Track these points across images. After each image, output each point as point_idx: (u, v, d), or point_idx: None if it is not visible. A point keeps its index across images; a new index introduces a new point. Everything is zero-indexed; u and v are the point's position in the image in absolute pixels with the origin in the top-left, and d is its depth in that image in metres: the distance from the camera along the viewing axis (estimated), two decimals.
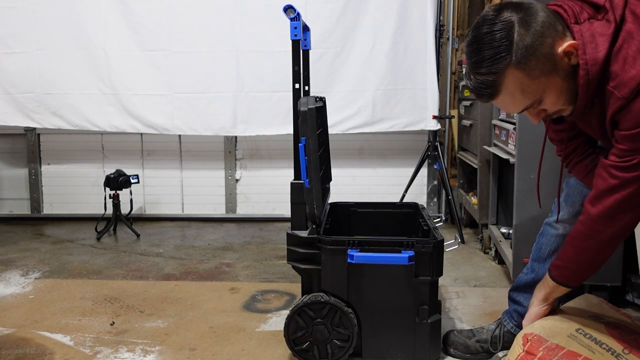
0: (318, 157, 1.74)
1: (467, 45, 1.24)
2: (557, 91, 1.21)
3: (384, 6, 3.47)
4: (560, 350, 1.37)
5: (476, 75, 1.21)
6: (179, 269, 2.83)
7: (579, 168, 1.52)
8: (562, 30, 1.19)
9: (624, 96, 1.16)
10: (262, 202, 3.97)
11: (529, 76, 1.18)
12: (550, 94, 1.21)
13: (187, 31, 3.54)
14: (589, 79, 1.19)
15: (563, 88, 1.21)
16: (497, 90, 1.21)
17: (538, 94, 1.21)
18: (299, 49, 1.85)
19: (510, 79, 1.18)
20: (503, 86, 1.20)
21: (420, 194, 3.91)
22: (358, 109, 3.59)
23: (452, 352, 1.82)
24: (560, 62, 1.18)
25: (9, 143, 4.00)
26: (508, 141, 2.49)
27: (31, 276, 2.71)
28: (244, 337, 2.00)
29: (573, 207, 1.65)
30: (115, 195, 3.46)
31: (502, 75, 1.18)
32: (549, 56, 1.17)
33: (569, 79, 1.21)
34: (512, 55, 1.16)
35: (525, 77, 1.18)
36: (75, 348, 1.92)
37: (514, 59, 1.16)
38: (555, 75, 1.19)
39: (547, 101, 1.23)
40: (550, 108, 1.26)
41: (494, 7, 1.20)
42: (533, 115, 1.28)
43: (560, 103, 1.24)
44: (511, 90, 1.20)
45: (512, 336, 1.76)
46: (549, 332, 1.42)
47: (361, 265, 1.71)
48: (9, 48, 3.57)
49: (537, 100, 1.22)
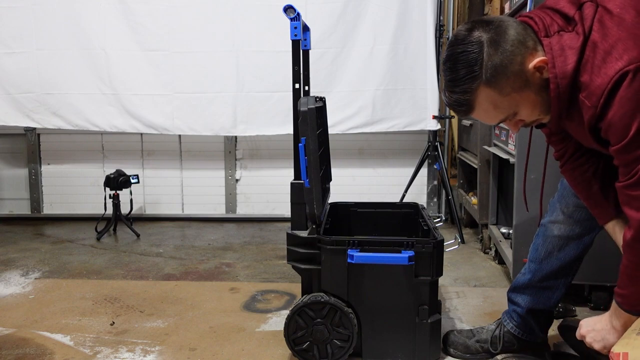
0: (318, 157, 1.74)
1: (442, 64, 1.29)
2: (530, 105, 1.24)
3: (384, 6, 3.47)
4: None
5: (451, 93, 1.25)
6: (179, 269, 2.83)
7: (571, 175, 1.52)
8: (532, 45, 1.20)
9: (593, 105, 1.17)
10: (262, 202, 3.97)
11: (500, 93, 1.21)
12: (524, 107, 1.25)
13: (187, 31, 3.54)
14: (560, 91, 1.20)
15: (537, 101, 1.24)
16: (471, 108, 1.25)
17: (511, 109, 1.25)
18: (299, 49, 1.85)
19: (483, 97, 1.22)
20: (476, 103, 1.23)
21: (420, 194, 3.91)
22: (358, 109, 3.59)
23: (452, 352, 1.82)
24: (532, 77, 1.21)
25: (9, 143, 4.00)
26: (508, 141, 2.49)
27: (31, 276, 2.71)
28: (244, 337, 2.00)
29: (567, 208, 1.66)
30: (115, 195, 3.46)
31: (474, 94, 1.22)
32: (520, 73, 1.20)
33: (543, 91, 1.23)
34: (482, 74, 1.19)
35: (496, 95, 1.21)
36: (75, 348, 1.92)
37: (484, 78, 1.19)
38: (527, 90, 1.22)
39: (523, 114, 1.26)
40: (527, 119, 1.28)
41: (466, 27, 1.23)
42: (511, 126, 1.32)
43: (535, 114, 1.27)
44: (484, 107, 1.24)
45: (512, 336, 1.77)
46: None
47: (361, 265, 1.71)
48: (9, 48, 3.58)
49: (512, 114, 1.26)
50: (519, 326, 1.76)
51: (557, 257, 1.69)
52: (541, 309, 1.72)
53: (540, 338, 1.76)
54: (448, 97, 1.27)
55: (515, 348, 1.78)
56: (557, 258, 1.69)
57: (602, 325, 1.38)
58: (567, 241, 1.67)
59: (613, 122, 1.15)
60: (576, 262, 1.69)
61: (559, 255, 1.68)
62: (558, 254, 1.69)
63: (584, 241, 1.67)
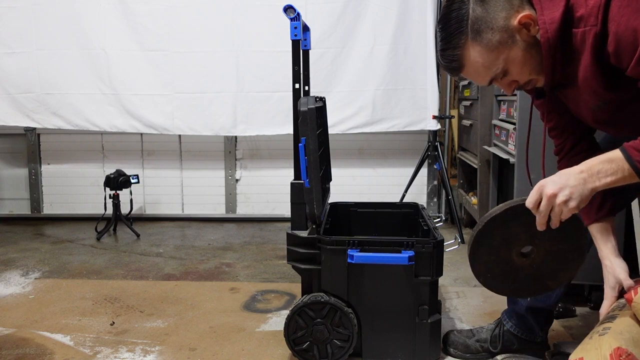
0: (318, 157, 1.74)
1: (436, 26, 1.35)
2: (519, 62, 1.25)
3: (384, 6, 3.47)
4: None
5: (442, 51, 1.29)
6: (179, 269, 2.83)
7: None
8: (518, 3, 1.22)
9: (592, 24, 1.15)
10: (262, 202, 3.97)
11: (487, 49, 1.24)
12: (513, 65, 1.25)
13: (187, 31, 3.54)
14: (549, 37, 1.21)
15: (526, 58, 1.24)
16: (461, 64, 1.28)
17: (499, 65, 1.26)
18: (299, 49, 1.85)
19: (471, 53, 1.25)
20: (465, 59, 1.26)
21: (420, 194, 3.91)
22: (358, 109, 3.59)
23: (452, 351, 1.82)
24: (518, 33, 1.22)
25: (9, 143, 4.00)
26: (508, 141, 2.49)
27: (31, 276, 2.71)
28: (244, 337, 2.00)
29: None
30: (115, 195, 3.46)
31: (463, 49, 1.25)
32: (505, 28, 1.22)
33: (532, 49, 1.24)
34: (468, 30, 1.23)
35: (483, 50, 1.24)
36: (75, 348, 1.92)
37: (470, 33, 1.23)
38: (514, 46, 1.23)
39: (513, 72, 1.27)
40: (519, 79, 1.29)
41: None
42: (504, 86, 1.32)
43: (526, 73, 1.27)
44: (473, 64, 1.27)
45: (512, 335, 1.77)
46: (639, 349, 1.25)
47: (361, 265, 1.71)
48: (9, 48, 3.58)
49: (501, 71, 1.27)
50: (518, 325, 1.76)
51: None
52: (540, 307, 1.72)
53: (539, 337, 1.76)
54: (440, 57, 1.30)
55: (515, 347, 1.78)
56: None
57: (576, 179, 1.19)
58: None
59: (619, 34, 1.12)
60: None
61: None
62: None
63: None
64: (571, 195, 1.17)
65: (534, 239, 1.32)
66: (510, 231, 1.32)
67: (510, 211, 1.29)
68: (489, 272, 1.38)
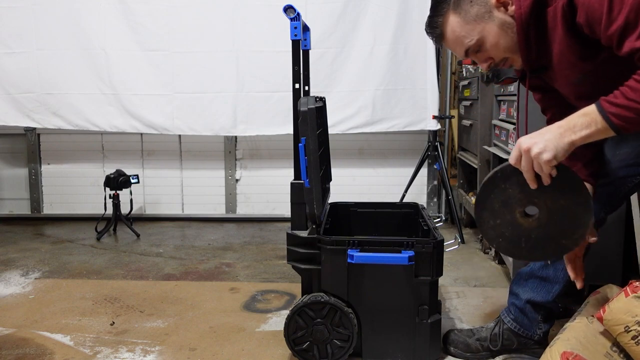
0: (318, 157, 1.74)
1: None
2: (493, 37, 1.32)
3: (384, 6, 3.47)
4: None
5: (428, 18, 1.40)
6: (179, 269, 2.83)
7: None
8: None
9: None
10: (262, 202, 3.97)
11: (464, 20, 1.33)
12: (487, 39, 1.33)
13: (187, 31, 3.54)
14: (522, 13, 1.26)
15: (500, 35, 1.31)
16: (442, 32, 1.38)
17: (474, 37, 1.33)
18: (299, 49, 1.85)
19: (451, 22, 1.36)
20: (445, 27, 1.37)
21: (420, 194, 3.91)
22: (358, 109, 3.59)
23: (452, 350, 1.82)
24: (496, 10, 1.30)
25: (9, 143, 4.00)
26: (508, 141, 2.49)
27: (31, 276, 2.71)
28: (244, 337, 2.00)
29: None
30: (115, 195, 3.46)
31: (444, 17, 1.36)
32: (483, 3, 1.31)
33: (507, 28, 1.30)
34: (451, 1, 1.34)
35: (461, 20, 1.34)
36: (75, 348, 1.92)
37: (452, 4, 1.34)
38: (490, 21, 1.31)
39: (487, 46, 1.34)
40: (494, 55, 1.35)
41: None
42: (480, 62, 1.40)
43: (500, 50, 1.33)
44: (450, 33, 1.36)
45: (511, 333, 1.77)
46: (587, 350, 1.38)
47: (361, 265, 1.71)
48: (9, 48, 3.58)
49: (475, 44, 1.34)
50: (516, 320, 1.77)
51: None
52: (540, 302, 1.72)
53: (537, 335, 1.76)
54: (426, 23, 1.41)
55: (514, 347, 1.78)
56: None
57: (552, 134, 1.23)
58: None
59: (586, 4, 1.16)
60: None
61: None
62: None
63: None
64: (545, 147, 1.20)
65: (533, 198, 1.32)
66: (505, 193, 1.34)
67: (499, 173, 1.33)
68: (500, 237, 1.38)
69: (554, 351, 1.43)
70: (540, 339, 1.76)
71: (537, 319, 1.74)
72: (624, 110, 1.16)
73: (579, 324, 1.51)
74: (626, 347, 1.37)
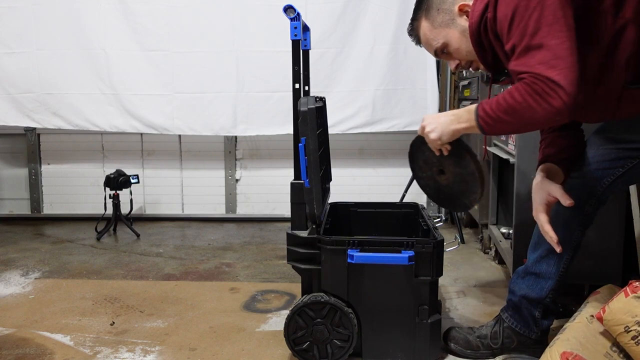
0: (318, 157, 1.74)
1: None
2: (455, 42, 1.50)
3: (384, 6, 3.47)
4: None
5: (410, 21, 1.63)
6: (179, 269, 2.83)
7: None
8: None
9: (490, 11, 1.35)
10: (262, 202, 3.97)
11: (432, 25, 1.54)
12: (451, 43, 1.52)
13: (187, 31, 3.54)
14: (471, 24, 1.42)
15: (461, 41, 1.49)
16: (417, 33, 1.61)
17: (440, 41, 1.53)
18: (299, 49, 1.86)
19: (423, 26, 1.57)
20: (419, 31, 1.59)
21: (420, 194, 3.87)
22: (358, 109, 3.59)
23: (452, 347, 1.82)
24: (458, 18, 1.48)
25: (9, 143, 4.00)
26: (508, 141, 2.49)
27: (31, 276, 2.71)
28: (244, 337, 2.00)
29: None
30: (115, 195, 3.46)
31: (418, 22, 1.59)
32: (448, 12, 1.50)
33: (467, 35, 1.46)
34: (424, 7, 1.56)
35: (430, 26, 1.55)
36: (75, 348, 1.92)
37: (424, 10, 1.55)
38: (453, 28, 1.50)
39: (451, 50, 1.53)
40: (458, 58, 1.54)
41: None
42: (450, 64, 1.59)
43: (462, 54, 1.51)
44: (422, 35, 1.59)
45: (510, 331, 1.78)
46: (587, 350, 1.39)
47: (361, 265, 1.71)
48: (9, 48, 3.58)
49: (440, 47, 1.54)
50: (514, 316, 1.78)
51: (545, 241, 1.69)
52: (534, 298, 1.73)
53: (534, 333, 1.76)
54: (407, 26, 1.65)
55: (514, 345, 1.78)
56: (546, 242, 1.69)
57: (445, 119, 1.52)
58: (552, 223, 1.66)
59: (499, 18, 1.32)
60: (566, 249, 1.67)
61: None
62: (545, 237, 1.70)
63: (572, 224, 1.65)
64: (434, 129, 1.52)
65: (443, 162, 1.64)
66: (425, 154, 1.68)
67: (419, 138, 1.65)
68: (427, 187, 1.76)
69: (553, 351, 1.43)
70: (538, 337, 1.76)
71: (534, 316, 1.75)
72: (487, 117, 1.37)
73: (578, 324, 1.51)
74: (626, 347, 1.37)
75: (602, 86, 1.40)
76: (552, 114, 1.24)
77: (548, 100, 1.23)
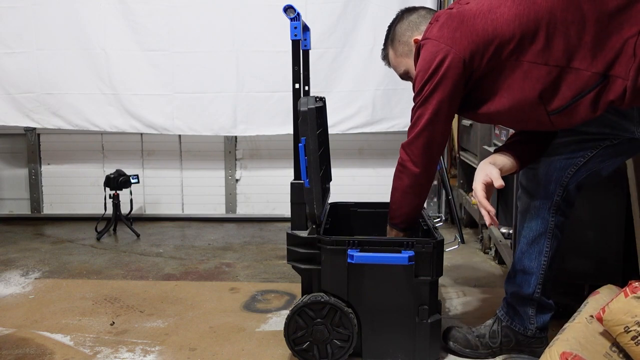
0: (318, 157, 1.74)
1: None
2: (413, 70, 1.69)
3: (384, 6, 3.47)
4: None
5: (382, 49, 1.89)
6: (179, 269, 2.83)
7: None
8: (423, 28, 1.69)
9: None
10: (262, 202, 3.97)
11: (395, 54, 1.81)
12: (410, 70, 1.76)
13: (187, 31, 3.54)
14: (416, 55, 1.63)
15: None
16: (387, 60, 1.86)
17: (402, 68, 1.80)
18: (299, 49, 1.85)
19: (389, 54, 1.84)
20: (388, 57, 1.85)
21: None
22: (358, 109, 3.59)
23: (452, 345, 1.82)
24: (415, 49, 1.67)
25: (9, 143, 4.00)
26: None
27: (31, 276, 2.71)
28: (244, 337, 2.00)
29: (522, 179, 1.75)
30: (115, 195, 3.46)
31: (387, 50, 1.85)
32: (406, 43, 1.76)
33: None
34: (390, 38, 1.81)
35: (394, 54, 1.82)
36: (75, 348, 1.92)
37: (390, 40, 1.82)
38: (410, 57, 1.75)
39: (412, 75, 1.72)
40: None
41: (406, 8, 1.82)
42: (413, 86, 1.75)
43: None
44: (390, 61, 1.85)
45: (509, 330, 1.78)
46: (586, 351, 1.40)
47: (361, 265, 1.71)
48: (9, 48, 3.57)
49: (403, 72, 1.81)
50: (509, 314, 1.79)
51: (522, 234, 1.72)
52: (524, 294, 1.74)
53: (530, 331, 1.76)
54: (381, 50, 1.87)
55: (513, 344, 1.78)
56: (523, 236, 1.72)
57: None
58: (525, 215, 1.71)
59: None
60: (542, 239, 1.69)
61: (523, 232, 1.72)
62: (522, 231, 1.73)
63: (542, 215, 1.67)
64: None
65: None
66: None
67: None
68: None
69: (553, 351, 1.43)
70: (533, 334, 1.77)
71: (528, 313, 1.76)
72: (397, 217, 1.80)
73: (578, 324, 1.51)
74: (626, 347, 1.37)
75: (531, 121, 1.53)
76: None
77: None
